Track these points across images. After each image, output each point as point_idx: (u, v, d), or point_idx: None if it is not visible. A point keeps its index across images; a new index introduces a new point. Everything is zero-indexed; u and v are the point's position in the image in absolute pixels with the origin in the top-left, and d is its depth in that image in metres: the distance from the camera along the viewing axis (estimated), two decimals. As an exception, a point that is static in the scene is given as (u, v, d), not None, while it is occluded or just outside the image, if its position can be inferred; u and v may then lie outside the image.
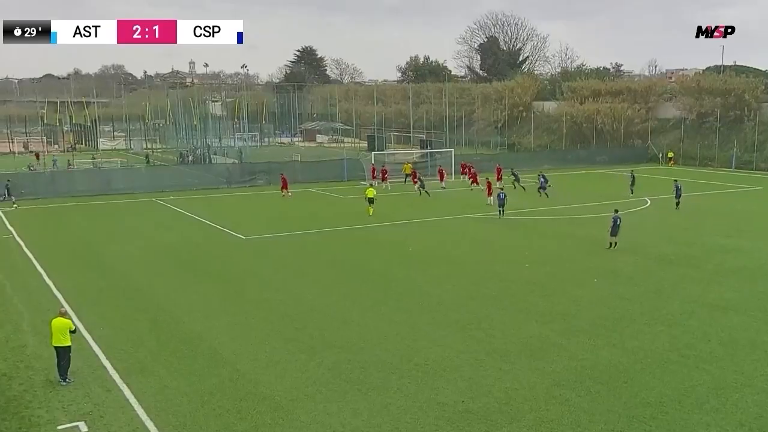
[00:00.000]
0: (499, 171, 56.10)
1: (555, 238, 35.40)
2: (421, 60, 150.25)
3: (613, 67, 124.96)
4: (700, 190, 53.57)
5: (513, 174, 54.35)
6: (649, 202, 47.38)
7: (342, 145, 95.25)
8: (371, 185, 48.69)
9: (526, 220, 41.02)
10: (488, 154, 76.62)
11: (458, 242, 34.70)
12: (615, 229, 32.00)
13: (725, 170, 69.14)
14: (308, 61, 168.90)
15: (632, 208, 43.96)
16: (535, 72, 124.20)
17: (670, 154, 75.88)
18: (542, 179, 49.68)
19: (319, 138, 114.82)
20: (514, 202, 43.42)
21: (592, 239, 34.05)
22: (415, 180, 53.55)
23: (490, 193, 45.95)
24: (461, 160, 63.21)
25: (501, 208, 41.45)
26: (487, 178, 49.43)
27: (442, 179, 55.50)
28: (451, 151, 66.42)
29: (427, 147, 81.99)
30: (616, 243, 31.98)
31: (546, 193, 48.83)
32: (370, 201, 42.64)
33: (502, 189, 43.71)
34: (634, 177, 51.52)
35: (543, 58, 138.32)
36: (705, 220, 40.81)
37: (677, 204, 44.29)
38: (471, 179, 54.55)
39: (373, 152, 66.57)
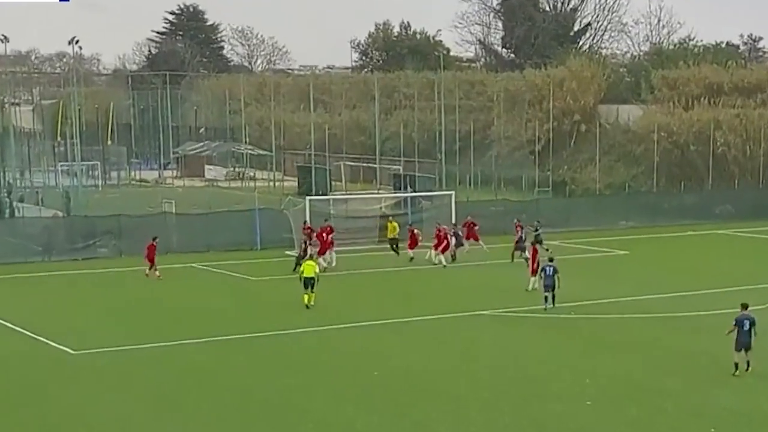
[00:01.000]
0: (519, 230, 57.52)
1: (638, 352, 35.96)
2: (396, 30, 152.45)
3: (745, 44, 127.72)
4: None
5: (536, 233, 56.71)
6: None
7: (252, 184, 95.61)
8: (311, 257, 49.10)
9: (587, 321, 41.61)
10: (519, 201, 76.94)
11: (464, 361, 35.09)
12: (745, 339, 32.46)
13: None
14: (190, 32, 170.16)
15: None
16: (604, 52, 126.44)
17: None
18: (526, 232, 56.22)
19: (211, 172, 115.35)
20: (570, 287, 43.73)
21: (705, 355, 34.63)
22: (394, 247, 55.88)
23: (534, 271, 46.84)
24: (469, 212, 63.62)
25: (550, 293, 42.34)
26: (533, 245, 50.39)
27: (413, 245, 57.59)
28: (450, 194, 67.15)
29: (406, 187, 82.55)
30: (748, 363, 32.40)
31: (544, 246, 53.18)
32: (309, 284, 43.21)
33: (551, 260, 44.14)
34: None
35: (617, 28, 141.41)
36: None
37: None
38: (438, 246, 56.90)
39: (308, 197, 66.77)
